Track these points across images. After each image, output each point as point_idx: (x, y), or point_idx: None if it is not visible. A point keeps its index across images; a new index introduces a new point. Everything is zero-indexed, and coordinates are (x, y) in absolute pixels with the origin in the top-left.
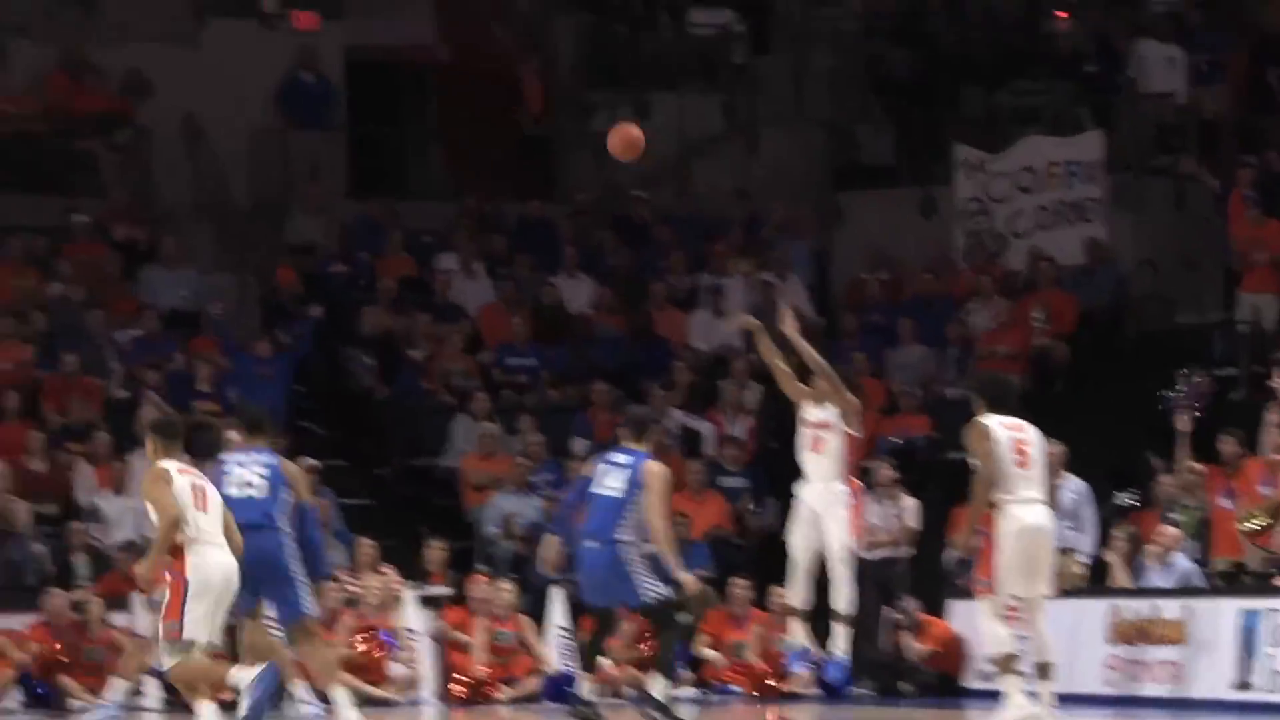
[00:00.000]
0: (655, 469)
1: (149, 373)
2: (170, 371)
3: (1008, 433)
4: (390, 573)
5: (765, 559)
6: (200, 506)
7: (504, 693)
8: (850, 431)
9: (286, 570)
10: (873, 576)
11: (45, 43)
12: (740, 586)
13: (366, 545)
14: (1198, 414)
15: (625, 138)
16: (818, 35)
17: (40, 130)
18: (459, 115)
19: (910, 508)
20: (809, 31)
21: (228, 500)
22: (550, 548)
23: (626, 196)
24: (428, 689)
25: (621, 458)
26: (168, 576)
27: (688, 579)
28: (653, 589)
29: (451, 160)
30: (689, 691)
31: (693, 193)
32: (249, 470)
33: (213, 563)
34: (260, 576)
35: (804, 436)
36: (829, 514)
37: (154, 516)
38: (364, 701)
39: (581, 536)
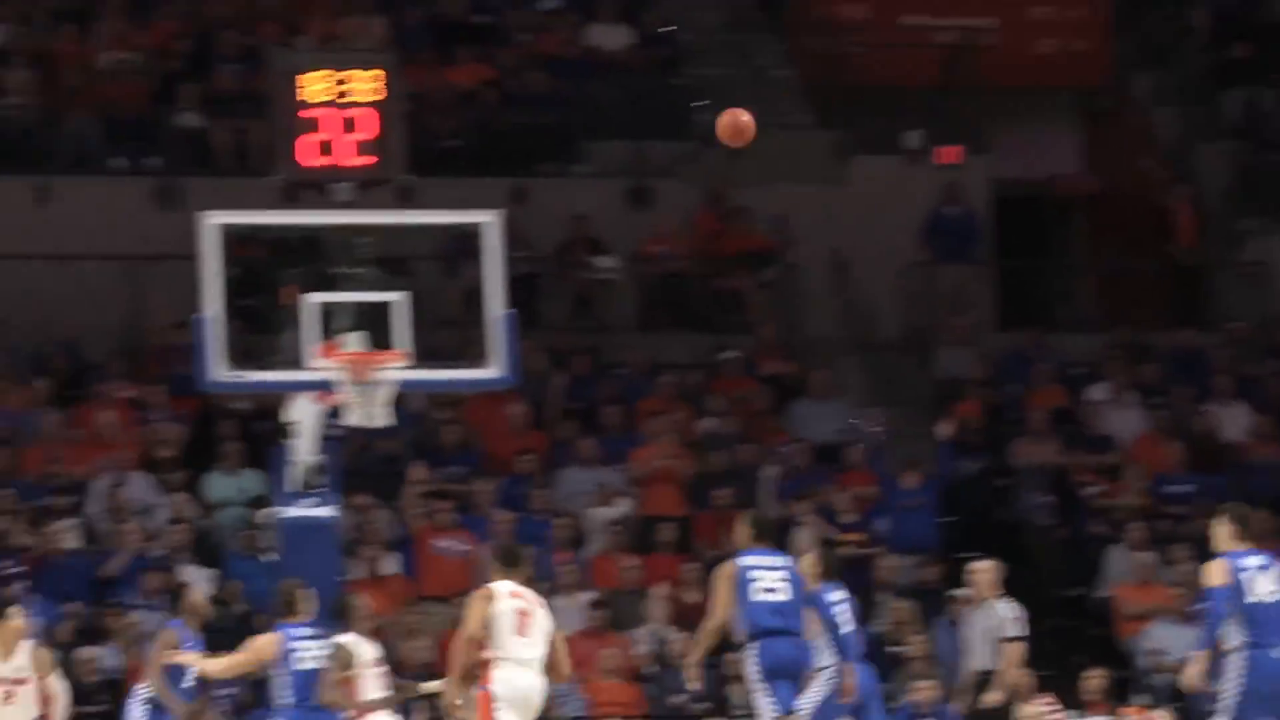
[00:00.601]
0: None
1: (798, 504)
2: (818, 502)
3: None
4: (1049, 702)
5: None
6: (520, 631)
7: None
8: None
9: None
10: None
11: (692, 184)
12: None
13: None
14: None
15: (734, 123)
16: None
17: (690, 269)
18: (1107, 246)
19: None
20: None
21: (754, 605)
22: (1201, 663)
23: None
24: None
25: (1256, 559)
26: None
27: None
28: None
29: (1101, 291)
30: None
31: None
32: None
33: (515, 680)
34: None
35: None
36: None
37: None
38: None
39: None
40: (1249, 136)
